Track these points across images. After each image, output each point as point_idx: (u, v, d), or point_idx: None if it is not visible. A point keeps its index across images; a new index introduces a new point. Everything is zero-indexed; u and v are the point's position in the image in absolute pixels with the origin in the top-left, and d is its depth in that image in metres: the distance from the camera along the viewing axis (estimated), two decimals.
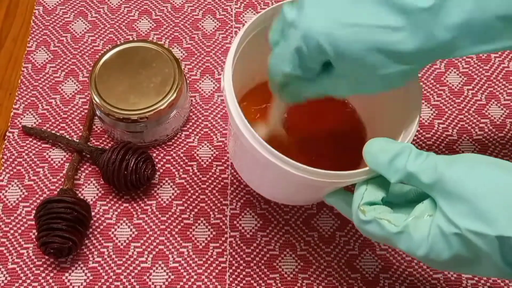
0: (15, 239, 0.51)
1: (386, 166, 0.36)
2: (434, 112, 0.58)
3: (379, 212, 0.36)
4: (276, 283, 0.50)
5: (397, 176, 0.35)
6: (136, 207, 0.52)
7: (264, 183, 0.46)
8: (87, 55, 0.60)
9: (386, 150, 0.36)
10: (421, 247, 0.34)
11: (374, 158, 0.36)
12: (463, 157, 0.34)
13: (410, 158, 0.35)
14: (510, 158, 0.55)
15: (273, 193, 0.48)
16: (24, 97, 0.58)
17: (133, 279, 0.49)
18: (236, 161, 0.48)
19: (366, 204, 0.36)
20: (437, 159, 0.34)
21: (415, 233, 0.34)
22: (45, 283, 0.49)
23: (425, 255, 0.34)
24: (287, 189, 0.45)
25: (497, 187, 0.31)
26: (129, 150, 0.50)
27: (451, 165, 0.33)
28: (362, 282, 0.50)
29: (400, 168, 0.35)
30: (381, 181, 0.37)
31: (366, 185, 0.38)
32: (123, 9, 0.63)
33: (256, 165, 0.42)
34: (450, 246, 0.33)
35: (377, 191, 0.37)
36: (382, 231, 0.35)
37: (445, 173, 0.33)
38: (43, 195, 0.53)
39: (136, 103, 0.51)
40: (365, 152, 0.37)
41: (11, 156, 0.55)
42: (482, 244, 0.31)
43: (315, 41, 0.34)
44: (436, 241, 0.33)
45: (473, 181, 0.32)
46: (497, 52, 0.61)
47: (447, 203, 0.33)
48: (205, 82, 0.59)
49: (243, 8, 0.63)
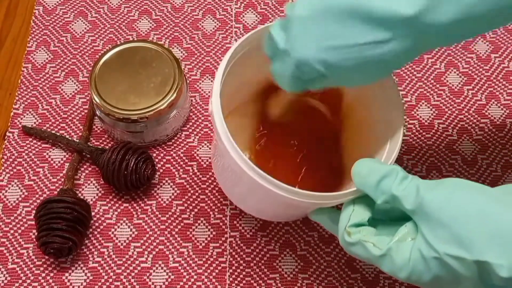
0: (15, 239, 0.51)
1: (373, 187, 0.37)
2: (434, 112, 0.58)
3: (364, 234, 0.36)
4: (276, 283, 0.50)
5: (383, 198, 0.36)
6: (136, 207, 0.52)
7: (250, 203, 0.46)
8: (87, 55, 0.60)
9: (374, 172, 0.37)
10: (402, 270, 0.34)
11: (362, 179, 0.37)
12: (444, 182, 0.35)
13: (396, 181, 0.36)
14: (510, 158, 0.55)
15: (259, 212, 0.48)
16: (24, 97, 0.58)
17: (133, 279, 0.49)
18: (222, 181, 0.48)
19: (353, 225, 0.37)
20: (420, 184, 0.35)
21: (397, 256, 0.35)
22: (45, 283, 0.49)
23: (407, 277, 0.35)
24: (273, 209, 0.45)
25: (475, 212, 0.32)
26: (129, 150, 0.50)
27: (432, 191, 0.34)
28: (362, 282, 0.50)
29: (386, 190, 0.36)
30: (367, 201, 0.38)
31: (353, 205, 0.38)
32: (123, 9, 0.63)
33: (242, 185, 0.43)
34: (430, 269, 0.33)
35: (364, 211, 0.38)
36: (366, 254, 0.36)
37: (426, 198, 0.34)
38: (43, 195, 0.53)
39: (136, 103, 0.51)
40: (354, 173, 0.38)
41: (11, 156, 0.55)
42: (461, 268, 0.32)
43: (309, 66, 0.35)
44: (417, 264, 0.34)
45: (452, 207, 0.33)
46: (497, 52, 0.61)
47: (427, 227, 0.34)
48: (205, 82, 0.59)
49: (243, 8, 0.63)
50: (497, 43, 0.61)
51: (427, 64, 0.60)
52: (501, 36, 0.62)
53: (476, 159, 0.55)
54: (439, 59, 0.60)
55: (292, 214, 0.47)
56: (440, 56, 0.61)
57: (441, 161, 0.55)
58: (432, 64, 0.60)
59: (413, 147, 0.56)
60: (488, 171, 0.54)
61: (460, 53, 0.61)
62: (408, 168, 0.54)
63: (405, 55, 0.35)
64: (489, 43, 0.61)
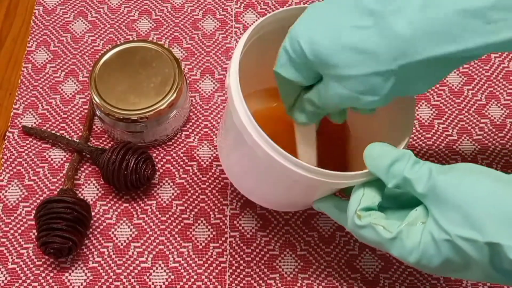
0: (15, 239, 0.51)
1: (385, 170, 0.36)
2: (434, 112, 0.58)
3: (374, 217, 0.36)
4: (276, 283, 0.50)
5: (394, 181, 0.36)
6: (136, 207, 0.52)
7: (259, 186, 0.46)
8: (87, 55, 0.60)
9: (386, 155, 0.37)
10: (412, 253, 0.35)
11: (374, 161, 0.37)
12: (457, 167, 0.35)
13: (408, 165, 0.36)
14: (510, 158, 0.55)
15: (266, 196, 0.47)
16: (24, 97, 0.58)
17: (133, 279, 0.49)
18: (229, 163, 0.47)
19: (363, 209, 0.37)
20: (432, 167, 0.35)
21: (407, 239, 0.35)
22: (45, 283, 0.49)
23: (417, 261, 0.35)
24: (283, 191, 0.44)
25: (487, 195, 0.32)
26: (129, 150, 0.50)
27: (444, 174, 0.34)
28: (362, 282, 0.50)
29: (398, 173, 0.36)
30: (377, 186, 0.38)
31: (363, 189, 0.38)
32: (123, 9, 0.63)
33: (254, 164, 0.42)
34: (441, 253, 0.33)
35: (374, 196, 0.38)
36: (377, 237, 0.36)
37: (438, 181, 0.34)
38: (43, 195, 0.53)
39: (136, 103, 0.51)
40: (366, 155, 0.38)
41: (11, 156, 0.55)
42: (472, 250, 0.32)
43: (296, 42, 0.36)
44: (427, 247, 0.34)
45: (464, 189, 0.33)
46: (497, 52, 0.61)
47: (438, 210, 0.34)
48: (205, 82, 0.59)
49: (243, 8, 0.63)
50: None
51: None
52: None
53: (476, 159, 0.55)
54: None
55: (300, 199, 0.46)
56: None
57: (441, 161, 0.55)
58: None
59: (413, 147, 0.56)
60: None
61: None
62: None
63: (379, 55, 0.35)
64: None
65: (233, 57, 0.40)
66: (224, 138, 0.46)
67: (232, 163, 0.47)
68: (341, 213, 0.41)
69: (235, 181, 0.48)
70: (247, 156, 0.42)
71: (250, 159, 0.42)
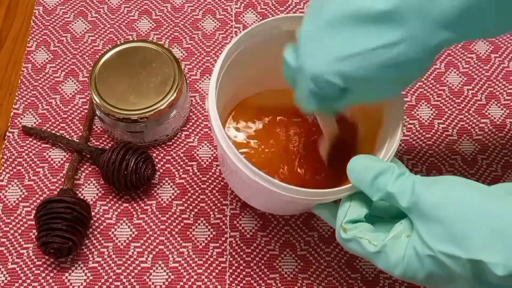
0: (15, 239, 0.51)
1: (368, 184, 0.36)
2: (434, 112, 0.58)
3: (360, 230, 0.36)
4: (276, 283, 0.50)
5: (378, 195, 0.36)
6: (136, 207, 0.52)
7: (255, 199, 0.47)
8: (87, 55, 0.60)
9: (369, 169, 0.37)
10: (397, 267, 0.34)
11: (358, 175, 0.37)
12: (440, 180, 0.35)
13: (391, 179, 0.35)
14: (510, 158, 0.55)
15: (264, 207, 0.49)
16: (24, 97, 0.58)
17: (133, 279, 0.49)
18: (227, 178, 0.49)
19: (349, 222, 0.37)
20: (416, 181, 0.35)
21: (392, 253, 0.35)
22: (45, 283, 0.49)
23: (402, 274, 0.35)
24: (276, 205, 0.46)
25: (471, 210, 0.32)
26: (129, 150, 0.50)
27: (428, 188, 0.34)
28: (362, 282, 0.50)
29: (381, 187, 0.36)
30: (364, 198, 0.38)
31: (350, 201, 0.38)
32: (123, 9, 0.63)
33: (244, 185, 0.43)
34: (424, 267, 0.33)
35: (360, 207, 0.38)
36: (362, 250, 0.36)
37: (421, 196, 0.34)
38: (43, 195, 0.53)
39: (136, 103, 0.51)
40: (349, 169, 0.38)
41: (11, 156, 0.55)
42: (455, 266, 0.32)
43: (323, 79, 0.35)
44: (411, 262, 0.34)
45: (448, 205, 0.33)
46: (497, 52, 0.61)
47: (422, 225, 0.33)
48: (205, 82, 0.59)
49: (243, 8, 0.63)
50: (497, 43, 0.61)
51: None
52: (501, 36, 0.62)
53: (476, 159, 0.55)
54: (439, 59, 0.60)
55: (296, 208, 0.47)
56: (440, 56, 0.60)
57: (441, 161, 0.55)
58: (432, 64, 0.60)
59: (413, 147, 0.56)
60: (488, 171, 0.54)
61: (460, 53, 0.61)
62: (408, 168, 0.54)
63: (419, 58, 0.34)
64: (489, 43, 0.61)
65: (210, 82, 0.41)
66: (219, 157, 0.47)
67: (227, 175, 0.48)
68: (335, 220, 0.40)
69: (233, 189, 0.49)
70: (236, 176, 0.43)
71: (239, 180, 0.43)
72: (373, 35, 0.33)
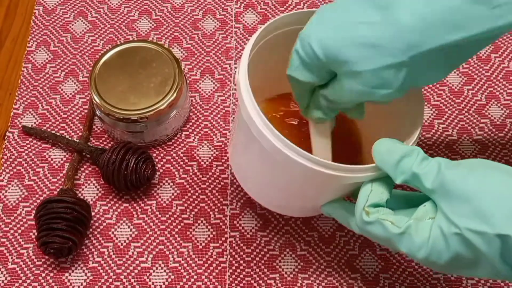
0: (15, 239, 0.51)
1: (393, 166, 0.36)
2: (434, 112, 0.58)
3: (382, 213, 0.36)
4: (276, 283, 0.50)
5: (402, 177, 0.36)
6: (136, 207, 0.52)
7: (269, 187, 0.46)
8: (87, 55, 0.60)
9: (394, 151, 0.37)
10: (421, 249, 0.34)
11: (383, 157, 0.37)
12: (465, 162, 0.35)
13: (417, 160, 0.35)
14: (510, 158, 0.55)
15: (275, 199, 0.47)
16: (24, 97, 0.58)
17: (133, 279, 0.49)
18: (239, 162, 0.47)
19: (371, 205, 0.37)
20: (441, 162, 0.35)
21: (416, 234, 0.34)
22: (45, 283, 0.49)
23: (426, 257, 0.34)
24: (292, 190, 0.44)
25: (497, 187, 0.32)
26: (129, 150, 0.50)
27: (453, 168, 0.34)
28: (362, 282, 0.50)
29: (406, 169, 0.36)
30: (385, 182, 0.38)
31: (371, 186, 0.38)
32: (123, 9, 0.63)
33: (263, 162, 0.42)
34: (450, 247, 0.33)
35: (382, 192, 0.38)
36: (385, 232, 0.36)
37: (447, 175, 0.34)
38: (43, 195, 0.53)
39: (136, 103, 0.51)
40: (374, 150, 0.38)
41: (11, 156, 0.55)
42: (481, 243, 0.32)
43: (308, 45, 0.36)
44: (437, 242, 0.33)
45: (473, 182, 0.33)
46: (497, 52, 0.61)
47: (447, 203, 0.33)
48: (205, 82, 0.59)
49: (243, 8, 0.63)
50: (497, 43, 0.61)
51: None
52: (501, 36, 0.62)
53: None
54: None
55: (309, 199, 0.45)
56: None
57: None
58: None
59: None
60: None
61: None
62: None
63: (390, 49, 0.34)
64: None
65: (243, 54, 0.40)
66: (235, 139, 0.46)
67: (243, 164, 0.47)
68: (349, 216, 0.41)
69: (245, 185, 0.48)
70: (256, 153, 0.42)
71: (259, 157, 0.42)
72: (360, 13, 0.35)
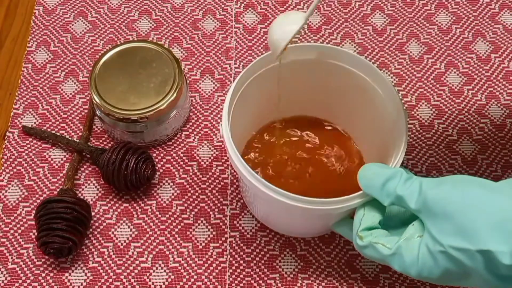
0: (15, 239, 0.51)
1: (379, 190, 0.38)
2: (434, 112, 0.58)
3: (375, 236, 0.38)
4: (276, 283, 0.50)
5: (389, 200, 0.37)
6: (136, 207, 0.52)
7: (274, 219, 0.50)
8: (87, 55, 0.60)
9: (379, 175, 0.38)
10: (412, 267, 0.35)
11: (368, 182, 0.39)
12: (446, 179, 0.36)
13: (400, 182, 0.37)
14: (510, 158, 0.55)
15: (286, 228, 0.51)
16: (24, 97, 0.58)
17: (133, 279, 0.49)
18: (247, 200, 0.51)
19: (364, 229, 0.38)
20: (423, 182, 0.36)
21: (406, 254, 0.36)
22: (45, 283, 0.49)
23: (418, 274, 0.35)
24: (295, 221, 0.48)
25: (476, 203, 0.33)
26: (129, 150, 0.50)
27: (435, 187, 0.35)
28: (362, 282, 0.50)
29: (391, 191, 0.37)
30: (377, 205, 0.39)
31: (363, 210, 0.40)
32: (123, 9, 0.63)
33: (264, 204, 0.46)
34: (438, 264, 0.34)
35: (374, 215, 0.39)
36: (378, 254, 0.37)
37: (429, 195, 0.35)
38: (43, 195, 0.53)
39: (136, 103, 0.51)
40: (360, 176, 0.39)
41: (11, 156, 0.55)
42: (466, 259, 0.33)
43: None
44: (425, 260, 0.35)
45: (454, 200, 0.34)
46: (497, 52, 0.61)
47: (431, 222, 0.35)
48: (205, 82, 0.59)
49: (243, 8, 0.63)
50: (497, 43, 0.61)
51: (427, 64, 0.60)
52: (501, 36, 0.62)
53: (476, 159, 0.55)
54: (439, 59, 0.60)
55: (315, 225, 0.49)
56: (440, 56, 0.61)
57: (441, 161, 0.55)
58: (432, 64, 0.60)
59: (413, 147, 0.56)
60: (488, 171, 0.54)
61: (460, 53, 0.61)
62: (408, 168, 0.54)
63: None
64: (489, 43, 0.61)
65: (224, 107, 0.43)
66: None
67: (250, 200, 0.50)
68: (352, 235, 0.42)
69: (257, 216, 0.51)
70: (253, 193, 0.45)
71: (257, 196, 0.45)
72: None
